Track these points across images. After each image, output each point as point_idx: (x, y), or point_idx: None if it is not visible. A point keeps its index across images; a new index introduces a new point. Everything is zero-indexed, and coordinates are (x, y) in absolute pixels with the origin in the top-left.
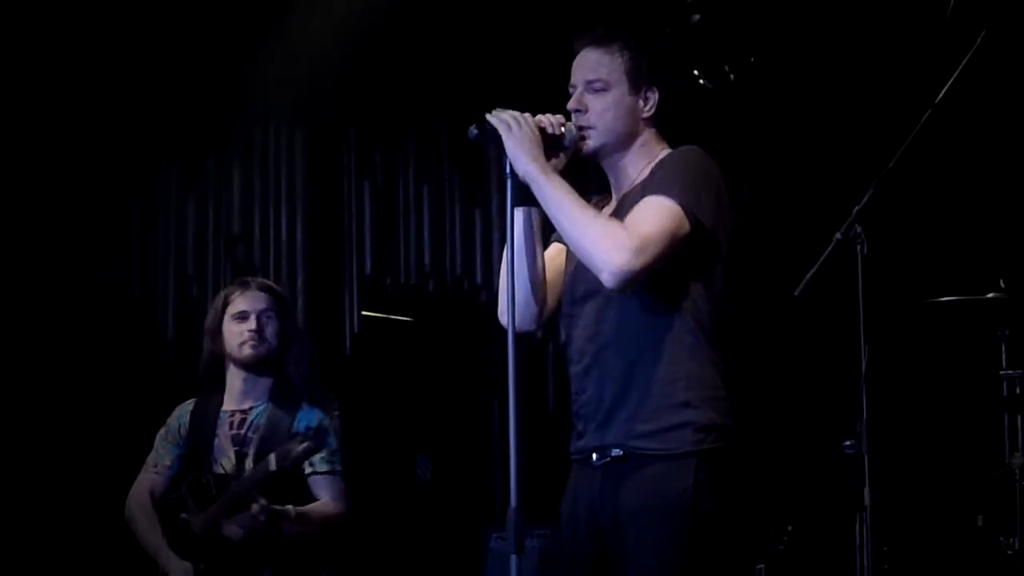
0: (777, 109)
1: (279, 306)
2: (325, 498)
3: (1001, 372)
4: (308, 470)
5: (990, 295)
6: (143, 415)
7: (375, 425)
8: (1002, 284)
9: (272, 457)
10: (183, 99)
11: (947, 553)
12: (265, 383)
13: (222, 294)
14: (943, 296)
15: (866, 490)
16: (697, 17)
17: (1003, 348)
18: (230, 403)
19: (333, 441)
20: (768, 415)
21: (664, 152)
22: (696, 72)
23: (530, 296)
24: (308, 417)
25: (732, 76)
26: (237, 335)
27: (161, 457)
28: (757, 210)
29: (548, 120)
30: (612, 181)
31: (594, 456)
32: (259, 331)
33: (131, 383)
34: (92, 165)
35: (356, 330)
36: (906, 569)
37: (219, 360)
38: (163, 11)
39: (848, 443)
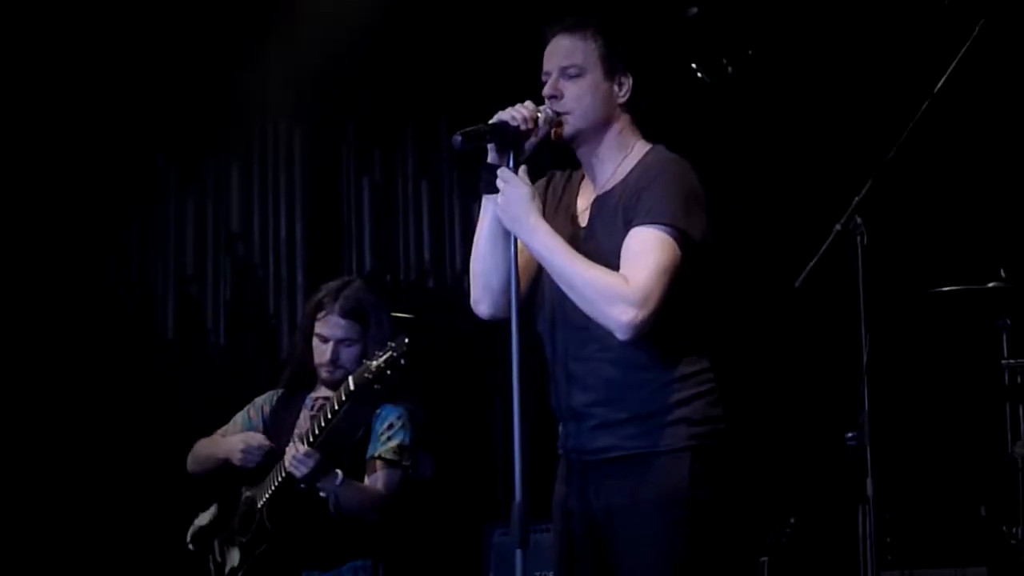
0: (775, 101)
1: (362, 330)
2: (378, 484)
3: (1003, 361)
4: (372, 452)
5: (991, 284)
6: (146, 414)
7: None
8: (1003, 273)
9: (350, 379)
10: (180, 99)
11: (950, 544)
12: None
13: (316, 299)
14: (944, 286)
15: (868, 481)
16: (695, 10)
17: (1004, 337)
18: (317, 392)
19: (407, 438)
20: (769, 407)
21: (640, 145)
22: (694, 65)
23: (506, 282)
24: (387, 413)
25: (730, 69)
26: (318, 354)
27: (233, 424)
28: (757, 202)
29: (521, 114)
30: (587, 169)
31: (587, 457)
32: (334, 360)
33: (133, 382)
34: (90, 167)
35: None
36: (909, 560)
37: (310, 364)
38: (159, 11)
39: (850, 434)
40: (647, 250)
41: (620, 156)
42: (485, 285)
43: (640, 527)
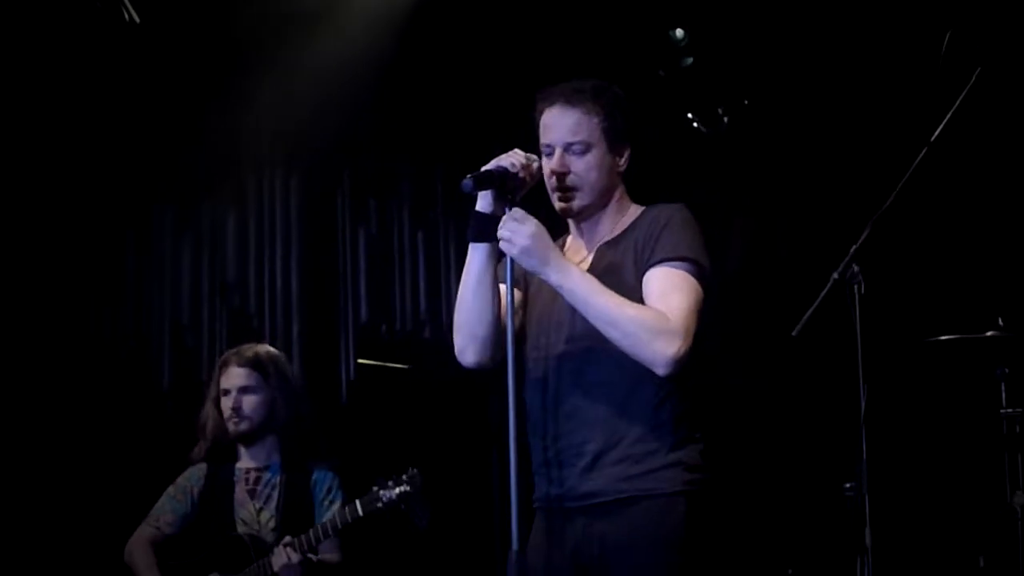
0: (772, 150)
1: (262, 379)
2: (332, 552)
3: (1001, 411)
4: (320, 519)
5: (989, 333)
6: (140, 466)
7: (371, 473)
8: (1000, 322)
9: (358, 503)
10: (175, 147)
11: None
12: (269, 445)
13: (218, 364)
14: (942, 335)
15: (867, 531)
16: (690, 60)
17: (1003, 386)
18: (243, 463)
19: (341, 497)
20: (767, 457)
21: (634, 207)
22: (690, 115)
23: (491, 331)
24: (323, 479)
25: (726, 119)
26: (224, 410)
27: (163, 512)
28: (754, 251)
29: (520, 161)
30: (583, 233)
31: (574, 503)
32: (236, 409)
33: (127, 434)
34: (85, 215)
35: (352, 378)
36: None
37: (224, 430)
38: (156, 60)
39: (848, 484)
40: (676, 287)
41: (618, 218)
42: (471, 334)
43: (636, 567)
